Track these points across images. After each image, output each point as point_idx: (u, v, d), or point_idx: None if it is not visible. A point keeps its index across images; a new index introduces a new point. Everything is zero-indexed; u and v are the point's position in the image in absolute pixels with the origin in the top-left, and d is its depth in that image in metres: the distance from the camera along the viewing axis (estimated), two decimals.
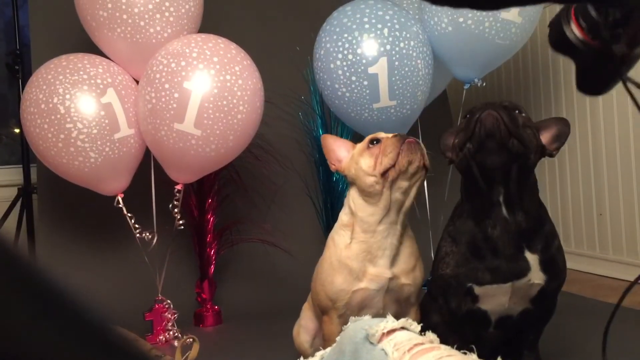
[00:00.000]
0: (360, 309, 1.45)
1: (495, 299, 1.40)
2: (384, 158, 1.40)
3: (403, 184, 1.42)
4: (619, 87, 1.00)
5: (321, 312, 1.53)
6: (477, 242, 1.40)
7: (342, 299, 1.45)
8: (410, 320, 0.99)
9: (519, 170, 1.37)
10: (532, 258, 1.39)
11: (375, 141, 1.46)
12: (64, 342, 0.33)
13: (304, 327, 1.65)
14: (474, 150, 1.34)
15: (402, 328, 0.97)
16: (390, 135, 1.46)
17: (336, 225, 1.54)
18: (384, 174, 1.40)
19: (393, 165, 1.39)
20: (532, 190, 1.43)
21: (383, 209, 1.44)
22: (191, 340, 1.64)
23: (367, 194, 1.45)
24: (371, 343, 0.96)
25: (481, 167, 1.36)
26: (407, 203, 1.45)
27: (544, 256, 1.40)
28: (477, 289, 1.40)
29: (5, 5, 3.41)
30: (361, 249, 1.46)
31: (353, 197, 1.49)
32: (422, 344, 0.90)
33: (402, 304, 1.50)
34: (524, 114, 1.39)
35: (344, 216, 1.52)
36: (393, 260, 1.46)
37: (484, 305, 1.42)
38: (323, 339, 1.53)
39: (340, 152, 1.55)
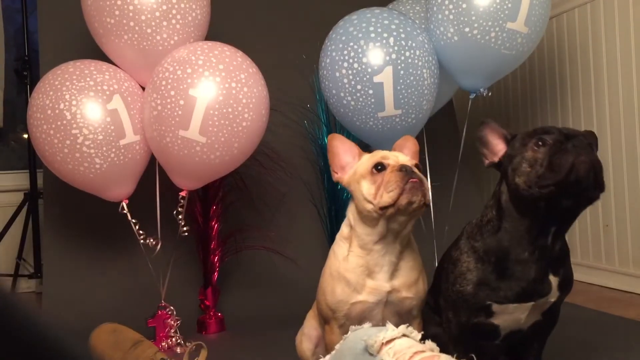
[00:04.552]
0: (359, 321, 1.42)
1: (512, 315, 1.39)
2: (384, 193, 1.34)
3: (401, 218, 1.37)
4: (624, 98, 0.99)
5: (324, 321, 1.53)
6: (508, 263, 1.37)
7: (342, 309, 1.44)
8: (410, 328, 0.98)
9: (582, 210, 1.35)
10: (554, 280, 1.39)
11: (380, 167, 1.38)
12: None
13: (307, 336, 1.65)
14: (555, 191, 1.26)
15: (403, 335, 0.96)
16: (397, 163, 1.37)
17: (338, 235, 1.52)
18: (382, 207, 1.35)
19: (392, 204, 1.33)
20: None
21: (379, 234, 1.41)
22: (194, 348, 1.64)
23: (364, 217, 1.41)
24: (370, 354, 0.95)
25: (551, 204, 1.29)
26: (405, 231, 1.42)
27: (563, 277, 1.40)
28: (496, 307, 1.38)
29: (16, 12, 3.44)
30: (358, 263, 1.43)
31: (353, 211, 1.46)
32: (422, 351, 0.89)
33: (403, 316, 1.48)
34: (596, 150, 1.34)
35: (344, 227, 1.50)
36: (393, 274, 1.44)
37: (497, 320, 1.41)
38: (325, 348, 1.53)
39: (346, 157, 1.49)
